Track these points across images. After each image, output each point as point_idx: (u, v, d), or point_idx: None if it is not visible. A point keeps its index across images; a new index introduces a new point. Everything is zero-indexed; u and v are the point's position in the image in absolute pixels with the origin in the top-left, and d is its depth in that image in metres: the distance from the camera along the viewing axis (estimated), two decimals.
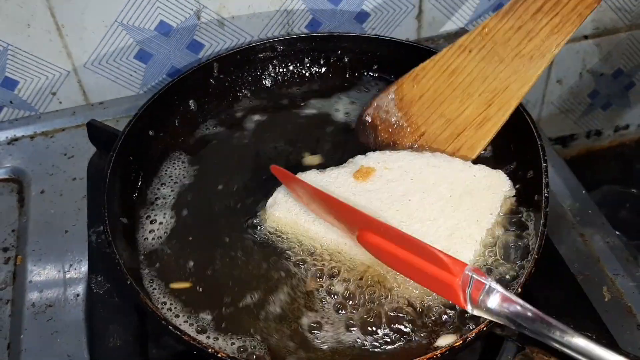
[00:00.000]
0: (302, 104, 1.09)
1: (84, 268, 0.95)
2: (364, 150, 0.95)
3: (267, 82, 1.10)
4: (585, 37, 1.40)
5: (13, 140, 1.14)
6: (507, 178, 0.90)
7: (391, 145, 0.98)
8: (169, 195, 0.96)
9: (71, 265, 0.96)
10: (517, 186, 0.90)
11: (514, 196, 0.90)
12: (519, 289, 0.73)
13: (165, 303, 0.83)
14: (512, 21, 0.90)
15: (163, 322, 0.73)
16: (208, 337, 0.79)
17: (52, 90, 1.15)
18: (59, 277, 0.94)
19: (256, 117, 1.08)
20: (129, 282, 0.76)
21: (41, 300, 0.92)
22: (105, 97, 1.19)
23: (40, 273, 0.95)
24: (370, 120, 1.00)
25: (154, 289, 0.84)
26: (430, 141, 0.95)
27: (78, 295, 0.92)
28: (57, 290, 0.93)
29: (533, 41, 0.89)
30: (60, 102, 1.17)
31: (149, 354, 0.82)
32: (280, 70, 1.09)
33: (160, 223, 0.93)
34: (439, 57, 0.97)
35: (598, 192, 1.40)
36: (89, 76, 1.15)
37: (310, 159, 1.00)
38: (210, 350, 0.70)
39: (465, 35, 0.95)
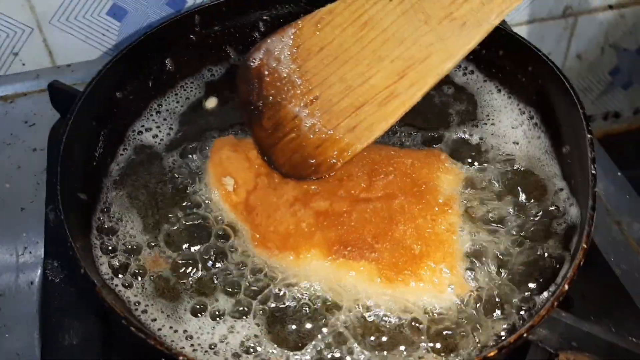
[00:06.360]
0: None
1: (41, 252, 0.85)
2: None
3: (256, 38, 0.95)
4: (610, 7, 1.28)
5: None
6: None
7: (274, 102, 0.81)
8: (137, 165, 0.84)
9: (26, 247, 0.87)
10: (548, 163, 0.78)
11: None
12: (566, 286, 0.60)
13: (129, 299, 0.70)
14: None
15: (124, 320, 0.60)
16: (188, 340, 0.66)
17: (13, 50, 1.05)
18: (11, 261, 0.86)
19: None
20: (82, 271, 0.63)
21: None
22: (74, 59, 1.09)
23: None
24: (255, 66, 0.84)
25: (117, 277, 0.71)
26: (323, 109, 0.79)
27: (32, 283, 0.83)
28: (9, 277, 0.84)
29: (471, 1, 0.72)
30: (24, 64, 1.07)
31: (110, 355, 0.69)
32: (272, 25, 0.95)
33: (125, 196, 0.81)
34: None
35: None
36: (55, 34, 1.05)
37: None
38: (181, 358, 0.57)
39: None
